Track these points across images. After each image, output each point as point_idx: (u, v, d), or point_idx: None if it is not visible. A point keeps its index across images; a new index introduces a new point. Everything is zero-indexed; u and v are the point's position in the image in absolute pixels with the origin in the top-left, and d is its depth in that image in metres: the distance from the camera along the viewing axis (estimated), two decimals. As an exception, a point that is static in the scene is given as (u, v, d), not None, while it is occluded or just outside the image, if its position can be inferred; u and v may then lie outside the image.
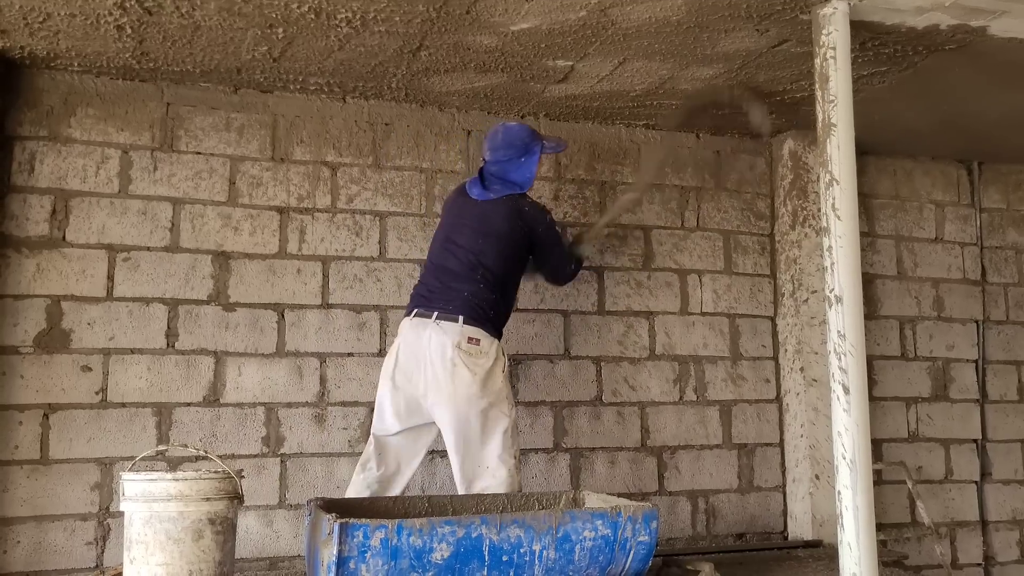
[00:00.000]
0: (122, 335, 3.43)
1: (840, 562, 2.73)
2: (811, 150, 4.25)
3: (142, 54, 3.29)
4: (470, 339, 3.03)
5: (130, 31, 3.08)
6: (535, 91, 3.71)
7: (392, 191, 3.82)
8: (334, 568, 2.31)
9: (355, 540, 2.32)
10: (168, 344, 3.47)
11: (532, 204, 3.30)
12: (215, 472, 2.41)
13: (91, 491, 3.33)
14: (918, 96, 3.75)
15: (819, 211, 3.41)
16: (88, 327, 3.39)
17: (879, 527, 2.95)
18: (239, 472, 2.48)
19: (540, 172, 3.43)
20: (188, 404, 3.47)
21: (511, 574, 2.46)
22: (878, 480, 4.17)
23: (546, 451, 3.89)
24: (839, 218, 2.82)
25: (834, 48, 2.85)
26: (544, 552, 2.48)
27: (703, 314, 4.22)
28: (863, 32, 3.05)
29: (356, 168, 3.79)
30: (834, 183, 2.84)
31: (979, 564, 4.52)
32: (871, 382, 4.31)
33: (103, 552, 3.31)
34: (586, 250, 3.66)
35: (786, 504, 4.23)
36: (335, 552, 2.30)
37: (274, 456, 3.54)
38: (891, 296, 4.53)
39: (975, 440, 4.59)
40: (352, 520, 2.32)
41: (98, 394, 3.38)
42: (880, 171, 4.61)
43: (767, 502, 4.22)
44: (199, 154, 3.60)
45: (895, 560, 3.85)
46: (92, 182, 3.46)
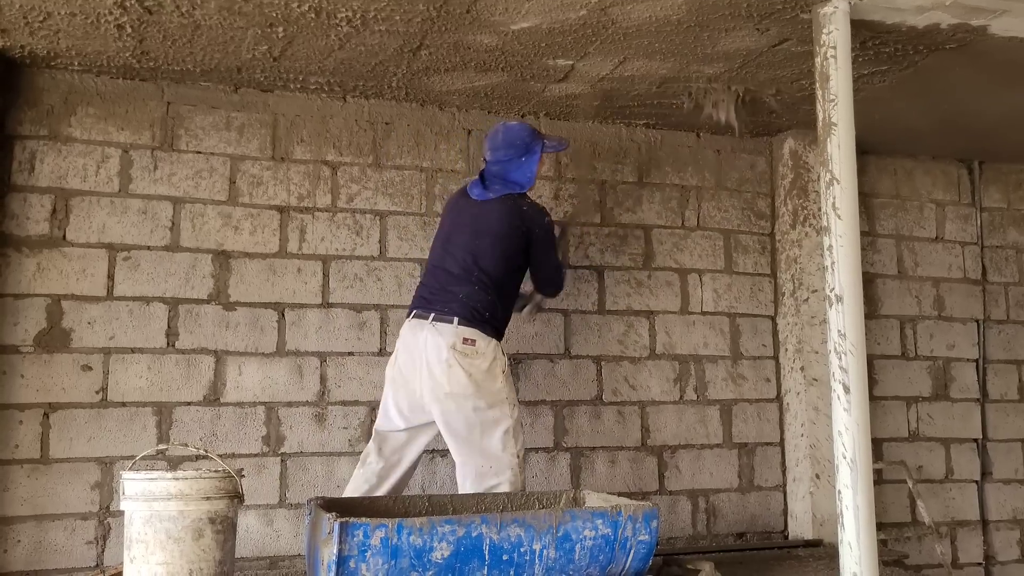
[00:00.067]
0: (122, 334, 3.43)
1: (840, 561, 2.73)
2: (812, 149, 4.25)
3: (142, 53, 3.29)
4: (465, 340, 3.03)
5: (130, 30, 3.07)
6: (535, 90, 3.71)
7: (392, 190, 3.82)
8: (334, 567, 2.31)
9: (355, 539, 2.32)
10: (168, 343, 3.47)
11: (531, 204, 3.28)
12: (215, 471, 2.41)
13: (91, 490, 3.33)
14: (919, 95, 3.75)
15: (819, 210, 3.41)
16: (88, 326, 3.39)
17: (879, 526, 2.95)
18: (239, 471, 2.48)
19: (541, 171, 3.42)
20: (188, 403, 3.47)
21: (511, 573, 2.46)
22: (878, 479, 4.17)
23: (546, 450, 3.89)
24: (839, 217, 2.82)
25: (834, 47, 2.85)
26: (544, 551, 2.48)
27: (703, 313, 4.22)
28: (863, 31, 3.05)
29: (356, 167, 3.79)
30: (834, 182, 2.84)
31: (979, 563, 4.52)
32: (871, 381, 4.30)
33: (103, 551, 3.32)
34: (544, 302, 3.61)
35: (786, 503, 4.23)
36: (335, 551, 2.30)
37: (274, 455, 3.55)
38: (891, 295, 4.53)
39: (975, 439, 4.59)
40: (352, 519, 2.33)
41: (98, 393, 3.38)
42: (881, 170, 4.61)
43: (767, 501, 4.22)
44: (199, 153, 3.60)
45: (895, 559, 3.85)
46: (92, 181, 3.47)
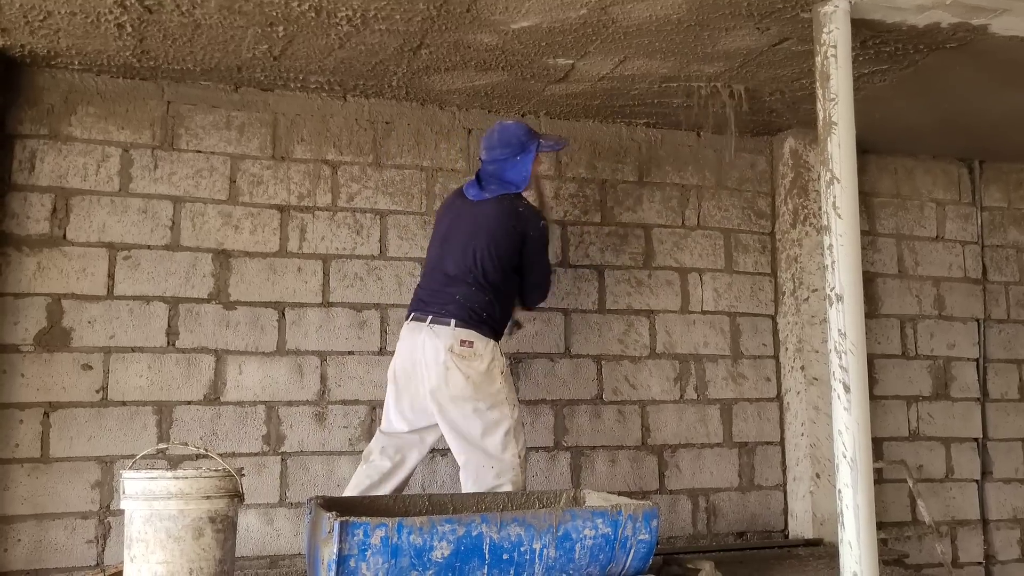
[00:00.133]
0: (123, 333, 3.43)
1: (841, 561, 2.73)
2: (812, 148, 4.25)
3: (142, 52, 3.29)
4: (463, 342, 3.02)
5: (130, 29, 3.07)
6: (536, 89, 3.71)
7: (393, 189, 3.82)
8: (334, 566, 2.31)
9: (355, 538, 2.32)
10: (169, 342, 3.47)
11: (528, 206, 3.26)
12: (215, 470, 2.41)
13: (92, 489, 3.33)
14: (919, 94, 3.75)
15: (820, 209, 3.41)
16: (89, 325, 3.39)
17: (880, 526, 2.95)
18: (239, 470, 2.48)
19: (540, 171, 3.41)
20: (189, 402, 3.47)
21: (511, 572, 2.46)
22: (879, 479, 4.17)
23: (547, 449, 3.89)
24: (840, 216, 2.82)
25: (835, 46, 2.85)
26: (544, 550, 2.48)
27: (704, 313, 4.22)
28: (864, 30, 3.05)
29: (357, 166, 3.79)
30: (835, 181, 2.83)
31: (980, 563, 4.52)
32: (872, 381, 4.30)
33: (104, 550, 3.32)
34: (521, 320, 3.54)
35: (787, 503, 4.23)
36: (335, 550, 2.30)
37: (275, 454, 3.55)
38: (892, 295, 4.53)
39: (976, 439, 4.59)
40: (352, 518, 2.33)
41: (99, 392, 3.38)
42: (881, 169, 4.60)
43: (768, 501, 4.22)
44: (199, 152, 3.60)
45: (896, 559, 3.85)
46: (93, 180, 3.47)
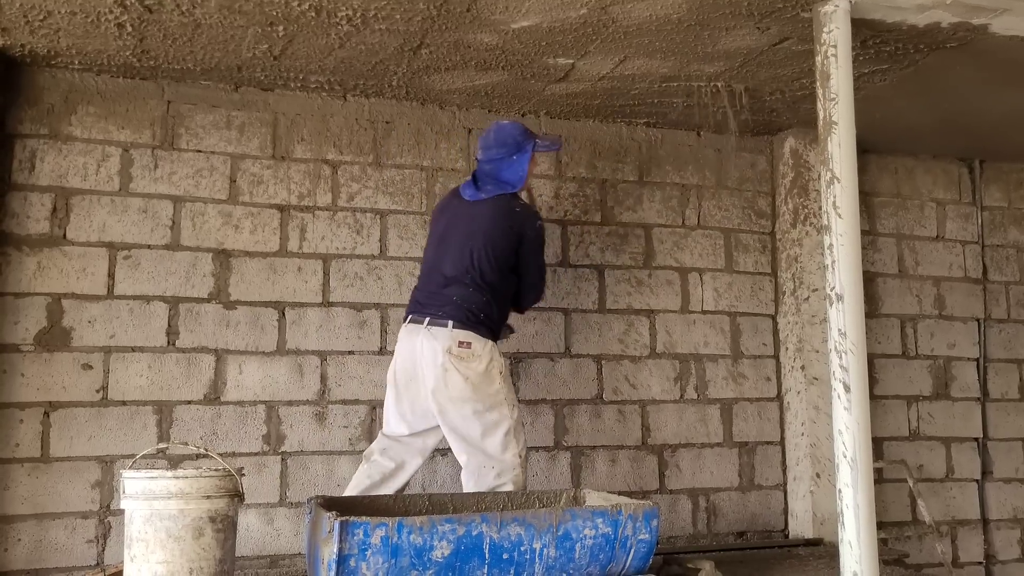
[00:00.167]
0: (123, 333, 3.43)
1: (841, 560, 2.72)
2: (812, 148, 4.24)
3: (143, 52, 3.28)
4: (461, 343, 3.02)
5: (131, 29, 3.07)
6: (536, 89, 3.71)
7: (393, 189, 3.82)
8: (334, 566, 2.31)
9: (355, 538, 2.32)
10: (169, 342, 3.47)
11: (524, 206, 3.26)
12: (216, 470, 2.41)
13: (92, 489, 3.33)
14: (919, 94, 3.75)
15: (820, 209, 3.41)
16: (89, 325, 3.39)
17: (880, 525, 2.95)
18: (240, 470, 2.48)
19: (540, 171, 3.41)
20: (189, 402, 3.47)
21: (511, 572, 2.46)
22: (879, 478, 4.16)
23: (547, 449, 3.89)
24: (840, 216, 2.81)
25: (835, 46, 2.85)
26: (544, 550, 2.48)
27: (704, 312, 4.22)
28: (864, 30, 3.05)
29: (357, 166, 3.79)
30: (835, 181, 2.83)
31: (980, 562, 4.52)
32: (872, 380, 4.30)
33: (104, 550, 3.32)
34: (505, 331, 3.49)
35: (787, 502, 4.23)
36: (335, 550, 2.30)
37: (275, 454, 3.55)
38: (892, 294, 4.53)
39: (976, 438, 4.59)
40: (352, 518, 2.33)
41: (99, 392, 3.38)
42: (881, 169, 4.60)
43: (768, 500, 4.22)
44: (200, 152, 3.60)
45: (896, 558, 3.85)
46: (93, 180, 3.46)
